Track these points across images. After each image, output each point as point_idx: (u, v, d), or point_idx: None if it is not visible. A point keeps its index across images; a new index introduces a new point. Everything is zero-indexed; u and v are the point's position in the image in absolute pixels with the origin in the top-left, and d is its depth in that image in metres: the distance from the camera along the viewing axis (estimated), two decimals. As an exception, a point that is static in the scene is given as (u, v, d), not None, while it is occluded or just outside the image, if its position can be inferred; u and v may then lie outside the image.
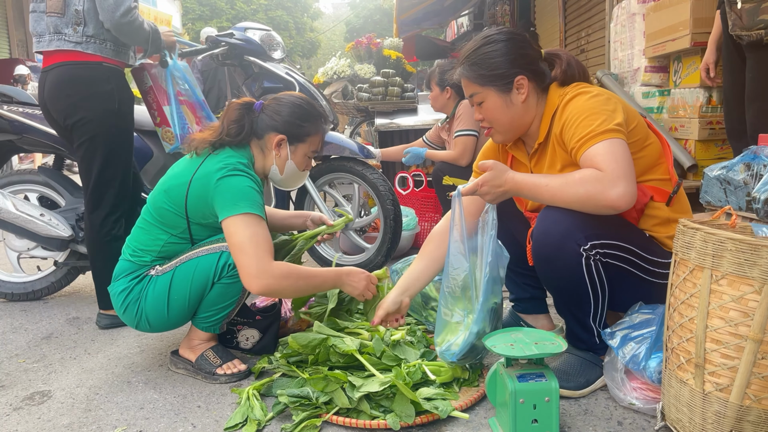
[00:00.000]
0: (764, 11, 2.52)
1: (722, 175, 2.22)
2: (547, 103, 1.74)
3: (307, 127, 1.97)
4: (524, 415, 1.41)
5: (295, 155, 1.98)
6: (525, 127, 1.77)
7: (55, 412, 1.77)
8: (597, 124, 1.56)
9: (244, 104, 1.97)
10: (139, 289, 1.90)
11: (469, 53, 1.75)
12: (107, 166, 2.42)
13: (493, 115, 1.76)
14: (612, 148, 1.53)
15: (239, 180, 1.80)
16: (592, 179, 1.51)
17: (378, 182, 2.97)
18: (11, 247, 2.96)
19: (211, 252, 1.85)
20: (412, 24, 11.33)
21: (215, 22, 22.45)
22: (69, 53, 2.35)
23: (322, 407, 1.62)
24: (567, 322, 1.75)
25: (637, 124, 1.68)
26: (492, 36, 1.74)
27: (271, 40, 3.17)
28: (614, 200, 1.48)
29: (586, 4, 6.54)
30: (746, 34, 2.61)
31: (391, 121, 4.74)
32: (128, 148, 2.51)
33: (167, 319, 1.91)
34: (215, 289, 1.87)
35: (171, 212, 1.89)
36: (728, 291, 1.22)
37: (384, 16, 27.57)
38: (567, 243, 1.59)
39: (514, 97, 1.72)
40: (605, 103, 1.62)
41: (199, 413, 1.72)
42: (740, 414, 1.24)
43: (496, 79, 1.71)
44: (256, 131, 1.96)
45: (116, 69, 2.44)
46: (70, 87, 2.36)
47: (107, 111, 2.39)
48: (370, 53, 5.86)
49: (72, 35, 2.35)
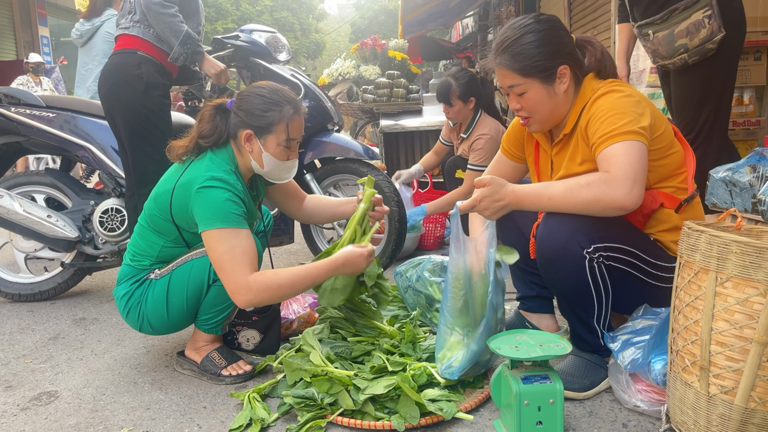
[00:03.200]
0: (679, 35, 2.47)
1: (728, 177, 2.22)
2: (580, 95, 1.72)
3: (270, 115, 1.86)
4: (529, 416, 1.41)
5: (267, 147, 1.88)
6: (562, 116, 1.74)
7: (62, 412, 1.78)
8: (621, 124, 1.55)
9: (216, 105, 1.94)
10: (140, 292, 1.92)
11: (509, 42, 1.68)
12: (141, 143, 2.61)
13: (535, 105, 1.71)
14: (629, 149, 1.52)
15: (215, 193, 1.76)
16: (599, 182, 1.51)
17: (383, 184, 2.98)
18: (18, 248, 2.98)
19: (205, 255, 1.85)
20: (417, 25, 11.34)
21: (221, 23, 22.51)
22: (121, 38, 2.65)
23: (327, 408, 1.63)
24: (571, 323, 1.75)
25: (664, 131, 1.67)
26: (531, 25, 1.68)
27: (276, 42, 3.17)
28: (620, 201, 1.48)
29: (592, 4, 6.53)
30: (670, 63, 2.57)
31: (396, 123, 4.74)
32: (164, 129, 2.65)
33: (168, 322, 1.92)
34: (212, 291, 1.88)
35: (161, 219, 1.89)
36: (733, 293, 1.22)
37: (389, 17, 27.60)
38: (570, 246, 1.59)
39: (557, 87, 1.69)
40: (635, 105, 1.61)
41: (205, 414, 1.73)
42: (745, 416, 1.23)
43: (541, 70, 1.66)
44: (230, 131, 1.91)
45: (151, 60, 2.62)
46: (107, 75, 2.65)
47: (135, 91, 2.58)
48: (375, 54, 5.87)
49: (124, 24, 2.65)
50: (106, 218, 2.89)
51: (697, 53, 2.48)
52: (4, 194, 2.83)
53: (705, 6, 2.41)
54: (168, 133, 2.59)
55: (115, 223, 2.90)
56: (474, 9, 11.48)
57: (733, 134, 3.47)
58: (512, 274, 2.09)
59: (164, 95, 2.70)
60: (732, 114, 3.48)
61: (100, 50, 3.90)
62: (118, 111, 2.63)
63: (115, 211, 2.90)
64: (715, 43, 2.45)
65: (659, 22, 2.52)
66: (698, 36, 2.43)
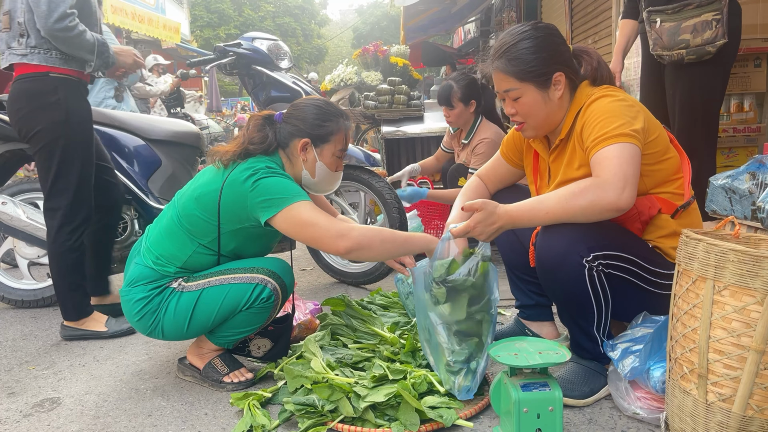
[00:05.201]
0: (685, 30, 2.52)
1: (727, 184, 2.23)
2: (574, 101, 1.74)
3: (329, 125, 1.95)
4: (528, 424, 1.42)
5: (323, 156, 1.96)
6: (557, 123, 1.76)
7: (64, 419, 1.80)
8: (614, 127, 1.57)
9: (264, 116, 1.99)
10: (159, 300, 1.88)
11: (506, 47, 1.72)
12: (59, 177, 2.38)
13: (529, 110, 1.73)
14: (622, 152, 1.54)
15: (274, 179, 1.81)
16: (592, 187, 1.52)
17: (384, 190, 2.99)
18: (22, 254, 3.00)
19: (247, 282, 1.84)
20: (418, 31, 11.37)
21: (223, 29, 22.63)
22: (19, 66, 2.35)
23: (327, 415, 1.64)
24: (571, 331, 1.76)
25: (658, 137, 1.68)
26: (528, 31, 1.72)
27: (278, 50, 3.19)
28: (614, 202, 1.50)
29: (593, 11, 6.55)
30: (667, 54, 2.61)
31: (397, 129, 4.76)
32: (86, 158, 2.44)
33: (184, 334, 1.91)
34: (240, 316, 1.87)
35: (202, 219, 1.87)
36: (731, 302, 1.23)
37: (391, 22, 27.67)
38: (569, 254, 1.60)
39: (552, 93, 1.72)
40: (627, 108, 1.63)
41: (206, 421, 1.74)
42: (743, 424, 1.24)
43: (537, 76, 1.69)
44: (280, 141, 1.96)
45: (66, 79, 2.37)
46: (19, 101, 2.36)
47: (55, 123, 2.34)
48: (377, 60, 5.89)
49: (17, 48, 2.33)
50: (109, 225, 2.89)
51: (695, 53, 2.54)
52: (8, 201, 2.85)
53: (716, 10, 2.47)
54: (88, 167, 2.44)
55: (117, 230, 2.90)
56: (476, 15, 11.50)
57: (733, 141, 3.47)
58: (510, 282, 2.10)
59: (86, 119, 2.45)
60: (732, 121, 3.49)
61: None
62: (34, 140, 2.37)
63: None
64: (715, 47, 2.49)
65: (670, 12, 2.57)
66: (702, 36, 2.48)
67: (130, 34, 11.64)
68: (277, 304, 1.88)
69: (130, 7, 11.29)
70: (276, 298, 1.86)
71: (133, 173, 2.97)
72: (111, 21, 10.01)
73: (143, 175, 2.99)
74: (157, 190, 2.99)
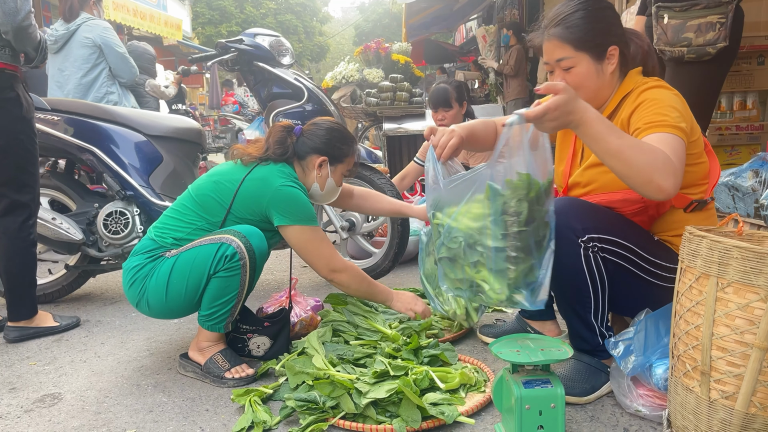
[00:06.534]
0: (689, 29, 2.57)
1: (730, 182, 2.22)
2: (623, 84, 1.73)
3: (345, 149, 2.18)
4: (530, 421, 1.41)
5: (335, 174, 2.19)
6: (604, 99, 1.74)
7: (65, 414, 1.80)
8: (673, 117, 1.54)
9: (285, 127, 2.16)
10: (150, 267, 1.96)
11: (564, 15, 1.70)
12: (22, 172, 2.39)
13: (581, 82, 1.70)
14: (676, 143, 1.49)
15: (298, 193, 2.03)
16: (662, 156, 1.42)
17: (385, 187, 2.98)
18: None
19: (212, 242, 1.90)
20: (420, 28, 11.36)
21: (225, 26, 22.60)
22: None
23: (329, 411, 1.63)
24: (569, 321, 1.74)
25: (698, 139, 1.67)
26: (586, 2, 1.71)
27: (280, 46, 3.19)
28: (663, 181, 1.40)
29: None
30: (669, 50, 2.66)
31: (399, 126, 4.76)
32: (36, 154, 2.46)
33: (165, 304, 1.94)
34: (213, 283, 1.89)
35: (215, 201, 2.01)
36: (734, 299, 1.22)
37: (393, 20, 27.62)
38: (565, 233, 1.58)
39: (605, 67, 1.70)
40: (684, 106, 1.63)
41: (208, 416, 1.74)
42: (746, 422, 1.24)
43: (594, 46, 1.68)
44: (297, 152, 2.14)
45: (16, 75, 2.36)
46: None
47: (15, 118, 2.34)
48: (379, 58, 5.88)
49: None
50: (110, 221, 2.90)
51: (695, 51, 2.58)
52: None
53: (722, 13, 2.52)
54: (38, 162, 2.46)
55: (119, 226, 2.91)
56: (478, 12, 11.49)
57: (736, 138, 3.47)
58: None
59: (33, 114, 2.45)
60: (735, 118, 3.49)
61: (79, 55, 3.87)
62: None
63: (119, 213, 2.91)
64: (715, 48, 2.52)
65: (678, 10, 2.60)
66: (704, 36, 2.51)
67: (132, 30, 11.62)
68: (245, 265, 1.89)
69: (132, 4, 11.27)
70: (241, 257, 1.88)
71: (134, 169, 2.97)
72: (113, 18, 9.99)
73: (144, 171, 2.99)
74: (158, 186, 2.99)
